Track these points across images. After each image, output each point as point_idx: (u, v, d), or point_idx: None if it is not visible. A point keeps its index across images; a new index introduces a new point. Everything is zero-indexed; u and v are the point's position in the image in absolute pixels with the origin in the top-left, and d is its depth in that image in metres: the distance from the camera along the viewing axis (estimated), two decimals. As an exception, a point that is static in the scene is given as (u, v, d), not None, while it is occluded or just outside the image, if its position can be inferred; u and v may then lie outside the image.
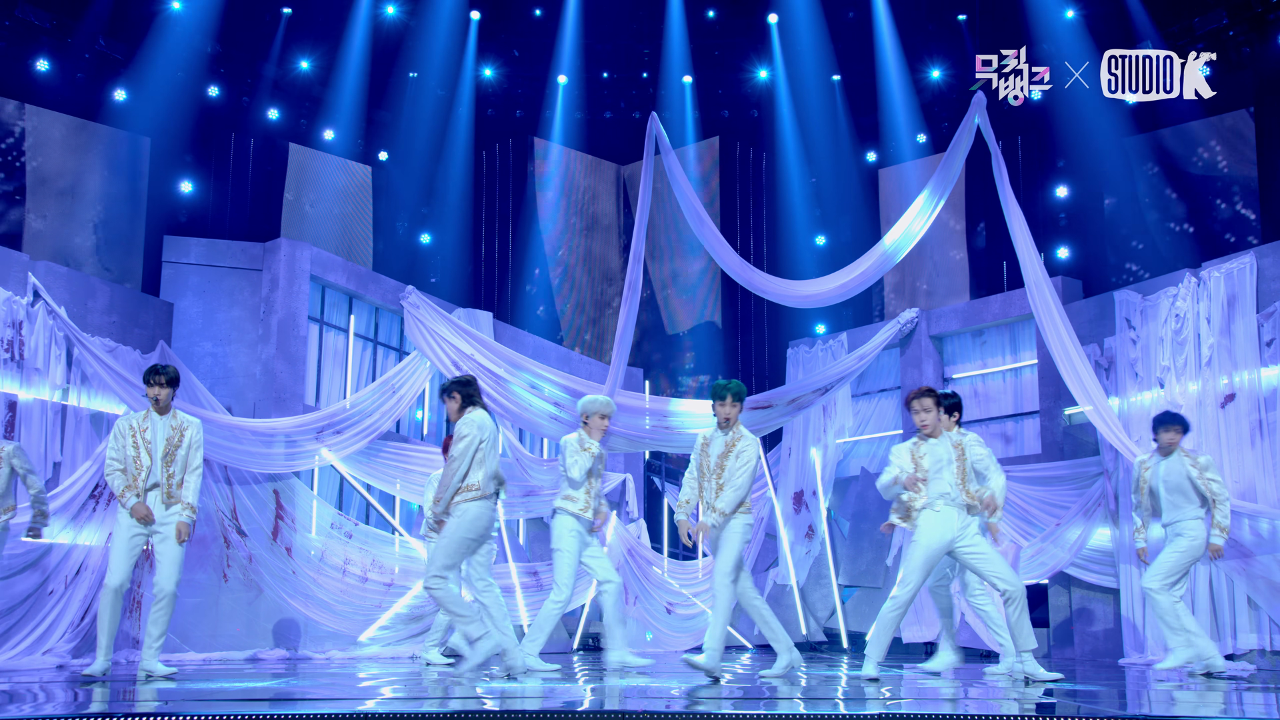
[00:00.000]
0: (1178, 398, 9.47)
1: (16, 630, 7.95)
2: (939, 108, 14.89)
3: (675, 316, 16.28)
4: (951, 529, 6.26)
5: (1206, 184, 13.00)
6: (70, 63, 12.99)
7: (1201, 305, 9.48)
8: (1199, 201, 13.00)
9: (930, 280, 15.09)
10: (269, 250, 10.43)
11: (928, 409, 6.40)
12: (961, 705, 5.26)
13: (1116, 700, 5.68)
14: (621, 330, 10.09)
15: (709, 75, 15.60)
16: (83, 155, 12.79)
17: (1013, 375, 12.04)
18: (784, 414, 11.66)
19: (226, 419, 9.41)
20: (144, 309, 9.84)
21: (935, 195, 10.10)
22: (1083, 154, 13.96)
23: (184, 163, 14.03)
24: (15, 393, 8.41)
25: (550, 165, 16.30)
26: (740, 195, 16.34)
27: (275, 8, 14.31)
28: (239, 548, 9.46)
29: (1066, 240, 14.10)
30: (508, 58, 15.43)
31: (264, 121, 14.57)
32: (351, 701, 5.10)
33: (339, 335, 11.19)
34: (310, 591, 9.72)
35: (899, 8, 14.52)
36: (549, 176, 16.28)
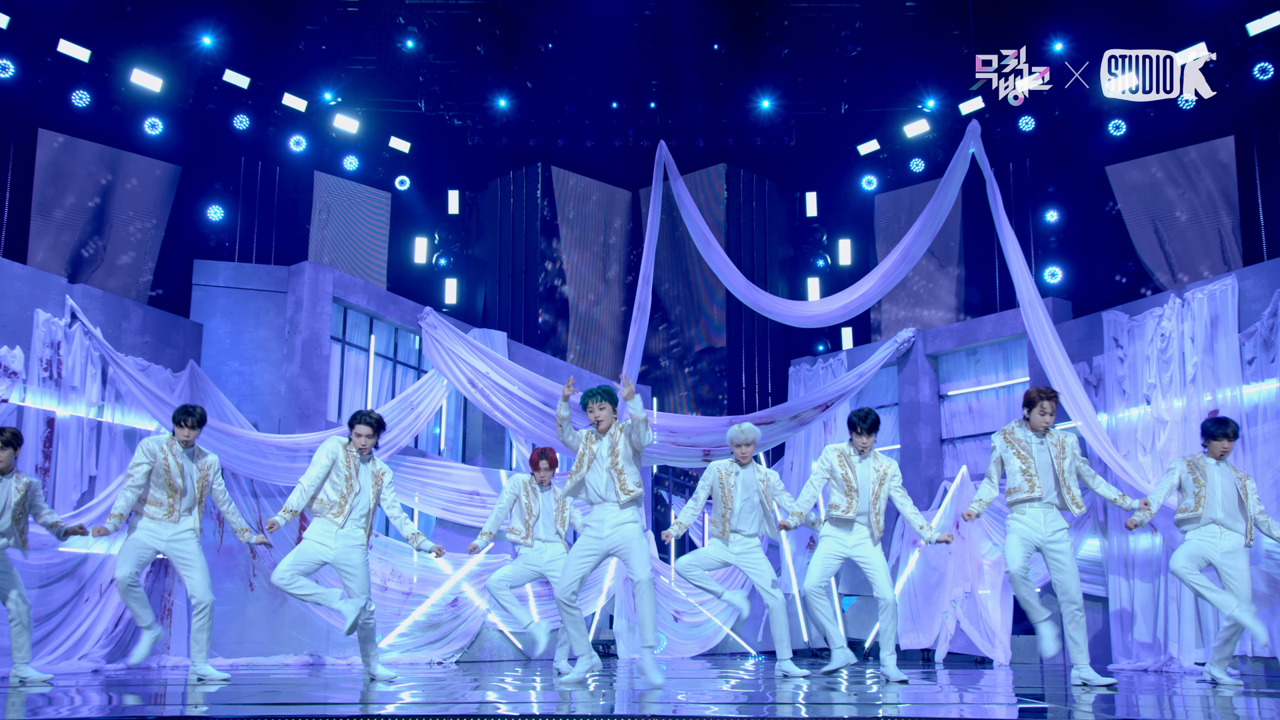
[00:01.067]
0: (1163, 414, 9.52)
1: (54, 636, 8.02)
2: (936, 135, 15.00)
3: (683, 336, 16.37)
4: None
5: (1190, 209, 13.08)
6: (107, 96, 13.19)
7: (1186, 325, 9.53)
8: (1183, 226, 13.08)
9: (926, 301, 15.17)
10: (293, 273, 10.54)
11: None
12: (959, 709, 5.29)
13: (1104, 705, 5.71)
14: (631, 349, 10.18)
15: (714, 105, 15.74)
16: (117, 183, 12.96)
17: (1005, 392, 12.09)
18: (787, 429, 11.73)
19: (253, 434, 9.50)
20: (175, 330, 9.95)
21: (932, 220, 10.19)
22: (1072, 180, 14.07)
23: (213, 190, 14.22)
24: (54, 410, 8.51)
25: (562, 191, 16.45)
26: (745, 219, 16.46)
27: (301, 41, 14.50)
28: (264, 558, 9.52)
29: (1057, 262, 14.20)
30: (520, 89, 15.59)
31: (289, 151, 14.74)
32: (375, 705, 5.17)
33: (360, 354, 11.29)
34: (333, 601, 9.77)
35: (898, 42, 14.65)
36: (561, 202, 16.42)
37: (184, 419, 6.88)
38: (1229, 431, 6.84)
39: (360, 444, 6.77)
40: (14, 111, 12.46)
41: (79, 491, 8.60)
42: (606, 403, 6.18)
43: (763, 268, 16.28)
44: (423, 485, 10.75)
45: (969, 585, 10.62)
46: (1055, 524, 6.66)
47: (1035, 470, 6.65)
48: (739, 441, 7.43)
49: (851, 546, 6.96)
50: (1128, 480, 9.23)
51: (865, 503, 6.93)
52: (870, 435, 6.96)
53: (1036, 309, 9.61)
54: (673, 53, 15.16)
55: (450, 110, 15.59)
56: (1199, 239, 12.97)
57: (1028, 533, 6.67)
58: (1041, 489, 6.64)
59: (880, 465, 6.99)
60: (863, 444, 6.96)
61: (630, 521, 6.12)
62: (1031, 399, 6.72)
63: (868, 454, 7.01)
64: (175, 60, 13.49)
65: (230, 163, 14.39)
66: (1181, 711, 5.08)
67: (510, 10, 14.74)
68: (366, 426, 6.76)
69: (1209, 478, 6.79)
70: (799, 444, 12.79)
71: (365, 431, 6.74)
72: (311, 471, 6.72)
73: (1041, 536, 6.65)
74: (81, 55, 12.65)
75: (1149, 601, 9.42)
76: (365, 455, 6.83)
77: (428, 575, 10.42)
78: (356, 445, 6.78)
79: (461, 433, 12.19)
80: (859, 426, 6.96)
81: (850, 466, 6.96)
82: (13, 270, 8.64)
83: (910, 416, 12.42)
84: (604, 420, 6.13)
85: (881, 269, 10.68)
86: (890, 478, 7.00)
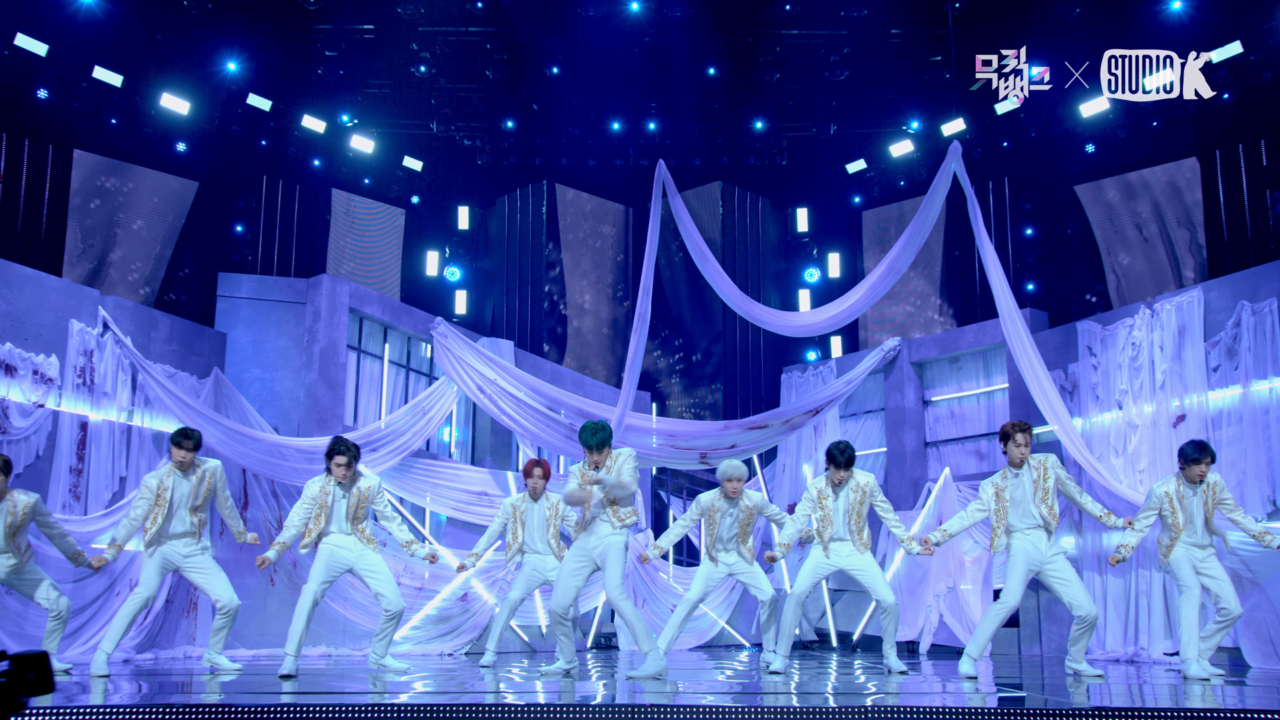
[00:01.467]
0: (1134, 418, 9.56)
1: (87, 628, 8.06)
2: (919, 155, 15.08)
3: (681, 345, 16.42)
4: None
5: (1160, 225, 13.16)
6: (138, 118, 13.27)
7: (1155, 335, 9.59)
8: (1153, 241, 13.15)
9: (911, 312, 15.23)
10: (312, 285, 10.58)
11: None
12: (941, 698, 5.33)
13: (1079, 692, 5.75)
14: (631, 357, 10.21)
15: (710, 126, 15.81)
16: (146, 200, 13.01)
17: (986, 398, 12.13)
18: (779, 433, 11.76)
19: (273, 438, 9.53)
20: (200, 339, 9.99)
21: (916, 235, 10.23)
22: (1047, 197, 14.13)
23: (236, 207, 14.28)
24: (87, 414, 8.56)
25: (566, 207, 16.52)
26: (739, 234, 16.52)
27: (320, 67, 14.58)
28: (284, 555, 9.56)
29: (1034, 275, 14.26)
30: (527, 111, 15.66)
31: (308, 169, 14.81)
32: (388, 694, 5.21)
33: (375, 362, 11.33)
34: (348, 595, 9.80)
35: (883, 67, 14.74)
36: (564, 217, 16.49)
37: (183, 442, 6.77)
38: (1208, 457, 6.69)
39: (340, 475, 6.63)
40: (51, 134, 12.55)
41: (110, 491, 8.64)
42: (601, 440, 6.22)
43: (756, 280, 16.34)
44: (434, 486, 10.79)
45: (951, 581, 10.67)
46: (1053, 547, 6.52)
47: (1009, 500, 6.55)
48: (729, 477, 7.48)
49: (844, 558, 6.97)
50: (1100, 481, 9.28)
51: (840, 528, 6.95)
52: (847, 469, 6.94)
53: (1015, 319, 9.65)
54: (671, 77, 15.24)
55: (460, 131, 15.67)
56: (1166, 253, 13.05)
57: (1031, 553, 6.49)
58: (1033, 516, 6.49)
59: (859, 484, 6.97)
60: (840, 477, 6.93)
61: (615, 535, 6.16)
62: (1006, 433, 6.60)
63: (844, 485, 6.98)
64: (202, 85, 13.58)
65: (253, 181, 14.46)
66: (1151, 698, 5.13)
67: (517, 37, 14.82)
68: (343, 456, 6.59)
69: (1185, 508, 6.72)
70: (790, 446, 12.84)
71: (342, 462, 6.60)
72: (298, 511, 6.66)
73: (1042, 558, 6.51)
74: (115, 81, 12.74)
75: (1120, 596, 9.46)
76: (346, 484, 6.69)
77: (439, 572, 10.44)
78: (336, 477, 6.63)
79: (471, 436, 12.23)
80: (838, 460, 6.95)
81: (826, 499, 6.99)
82: (49, 283, 8.70)
83: (896, 421, 12.47)
84: (600, 460, 6.19)
85: (869, 281, 10.71)
86: (870, 494, 7.00)
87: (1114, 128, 13.42)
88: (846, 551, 6.96)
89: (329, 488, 6.67)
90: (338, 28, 14.31)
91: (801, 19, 14.47)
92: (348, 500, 6.69)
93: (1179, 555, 6.75)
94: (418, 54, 14.61)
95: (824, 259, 16.36)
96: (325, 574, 6.63)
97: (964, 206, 10.11)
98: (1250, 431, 8.66)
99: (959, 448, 12.21)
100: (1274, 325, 8.70)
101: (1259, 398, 8.68)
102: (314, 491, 6.68)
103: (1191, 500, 6.74)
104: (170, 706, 4.12)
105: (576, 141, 15.89)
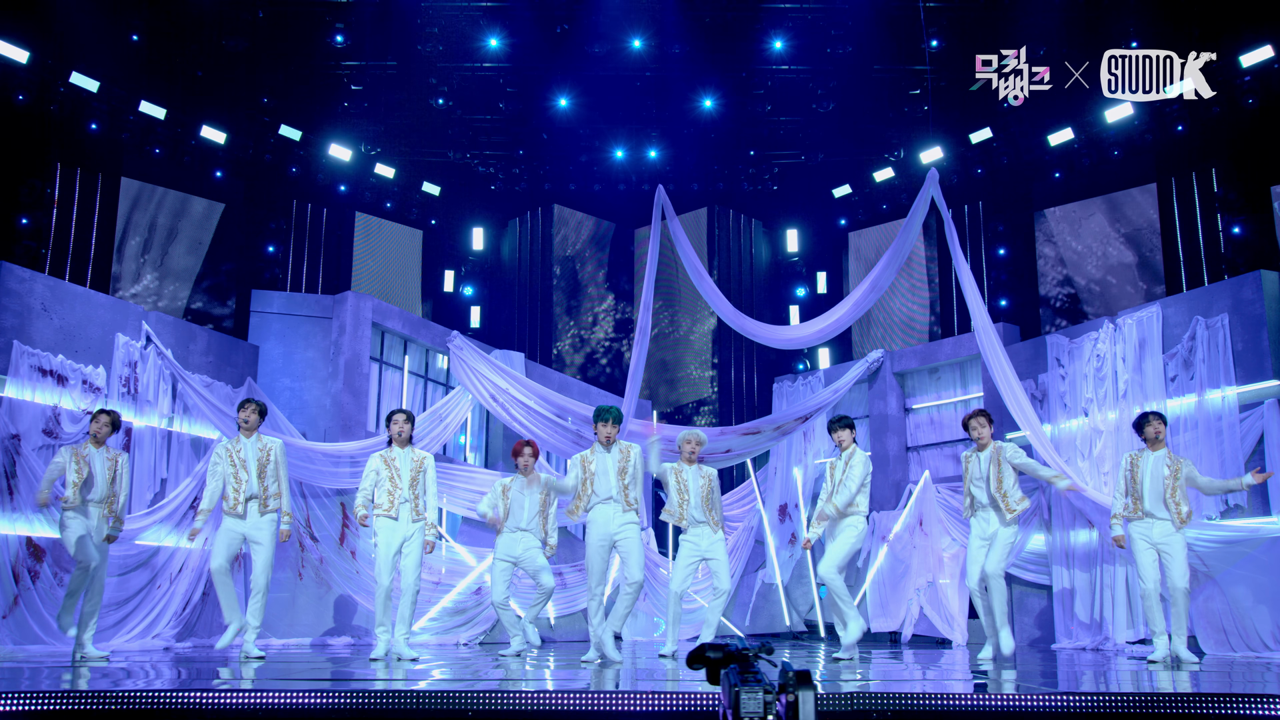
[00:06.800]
0: (1099, 425, 9.63)
1: (131, 618, 8.13)
2: (900, 180, 15.18)
3: (679, 356, 16.50)
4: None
5: (1121, 247, 13.24)
6: (179, 148, 13.40)
7: (1118, 347, 9.66)
8: (1116, 261, 13.23)
9: (893, 326, 15.31)
10: (338, 302, 10.68)
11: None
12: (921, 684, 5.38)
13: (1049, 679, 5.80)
14: (634, 368, 10.27)
15: (706, 153, 15.92)
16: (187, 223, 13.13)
17: (963, 406, 12.19)
18: (771, 438, 11.82)
19: (302, 443, 9.62)
20: (235, 351, 10.09)
21: (897, 255, 10.31)
22: (1019, 220, 14.20)
23: (268, 229, 14.40)
24: (131, 420, 8.65)
25: (570, 229, 16.62)
26: (733, 253, 16.61)
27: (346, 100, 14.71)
28: (312, 551, 9.63)
29: (1006, 292, 14.33)
30: (537, 139, 15.78)
31: (334, 194, 14.93)
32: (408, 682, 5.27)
33: (395, 373, 11.42)
34: (371, 589, 9.86)
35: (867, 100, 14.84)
36: (571, 238, 16.59)
37: (245, 404, 7.11)
38: (1149, 417, 7.09)
39: (398, 430, 6.86)
40: (101, 163, 12.67)
41: (151, 492, 8.73)
42: (611, 421, 6.41)
43: (749, 296, 16.42)
44: (450, 488, 10.86)
45: (931, 575, 10.71)
46: (994, 524, 7.15)
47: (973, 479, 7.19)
48: (687, 439, 7.39)
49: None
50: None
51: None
52: (850, 430, 7.53)
53: (989, 333, 9.70)
54: (670, 108, 15.35)
55: (475, 158, 15.79)
56: (1129, 272, 13.13)
57: (981, 530, 7.15)
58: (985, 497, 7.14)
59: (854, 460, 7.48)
60: (841, 438, 7.54)
61: (631, 523, 6.24)
62: (964, 423, 7.37)
63: (847, 451, 7.43)
64: (238, 116, 13.72)
65: (284, 205, 14.58)
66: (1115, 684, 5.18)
67: (528, 71, 14.95)
68: (402, 414, 6.98)
69: (1142, 470, 6.94)
70: (781, 451, 12.89)
71: (401, 418, 6.92)
72: (365, 482, 6.89)
73: (991, 531, 7.05)
74: (159, 114, 12.88)
75: (1087, 589, 9.51)
76: (404, 443, 6.90)
77: (454, 567, 10.51)
78: (393, 432, 6.87)
79: (484, 442, 12.31)
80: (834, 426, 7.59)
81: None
82: (98, 300, 8.80)
83: (880, 427, 12.53)
84: (611, 436, 6.34)
85: (853, 297, 10.77)
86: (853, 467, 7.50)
87: (1078, 155, 13.51)
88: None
89: (389, 455, 6.86)
90: (363, 64, 14.44)
91: (791, 55, 14.60)
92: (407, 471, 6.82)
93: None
94: (436, 88, 14.74)
95: (812, 277, 16.44)
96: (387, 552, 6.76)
97: (942, 228, 10.18)
98: (1205, 436, 8.74)
99: (938, 452, 12.28)
100: (1226, 339, 8.78)
101: (1212, 405, 8.76)
102: (376, 464, 6.84)
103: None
104: (211, 691, 4.19)
105: (582, 168, 16.00)
